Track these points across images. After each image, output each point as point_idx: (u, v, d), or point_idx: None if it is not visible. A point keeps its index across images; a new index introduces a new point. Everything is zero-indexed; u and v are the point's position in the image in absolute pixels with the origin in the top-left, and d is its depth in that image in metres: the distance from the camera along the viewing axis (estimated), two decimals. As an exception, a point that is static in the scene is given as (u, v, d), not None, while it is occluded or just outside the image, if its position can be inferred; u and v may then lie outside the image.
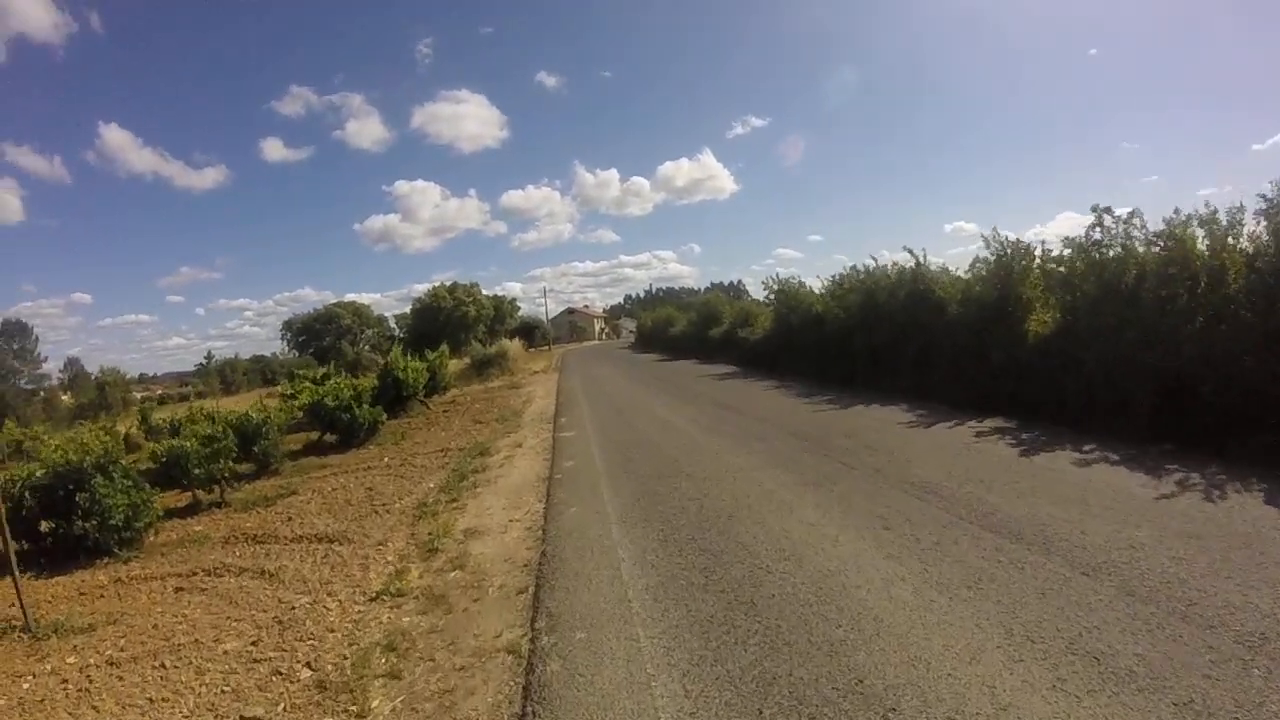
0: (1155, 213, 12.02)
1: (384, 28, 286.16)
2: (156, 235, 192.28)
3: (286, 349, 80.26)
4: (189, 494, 11.37)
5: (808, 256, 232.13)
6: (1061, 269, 11.05)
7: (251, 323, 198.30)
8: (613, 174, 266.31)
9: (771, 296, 23.23)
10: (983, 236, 12.87)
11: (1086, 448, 7.91)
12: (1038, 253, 11.94)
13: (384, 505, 9.13)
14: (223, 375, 76.47)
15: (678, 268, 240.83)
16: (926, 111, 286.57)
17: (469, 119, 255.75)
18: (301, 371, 24.27)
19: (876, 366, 15.43)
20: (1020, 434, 9.03)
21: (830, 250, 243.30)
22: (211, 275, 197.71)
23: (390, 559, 6.79)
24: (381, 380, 20.84)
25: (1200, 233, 9.00)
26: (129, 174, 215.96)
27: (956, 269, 14.73)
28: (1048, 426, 9.28)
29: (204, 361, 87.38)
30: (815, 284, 21.05)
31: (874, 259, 17.16)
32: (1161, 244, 9.36)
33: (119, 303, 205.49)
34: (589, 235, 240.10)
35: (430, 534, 7.24)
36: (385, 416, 16.80)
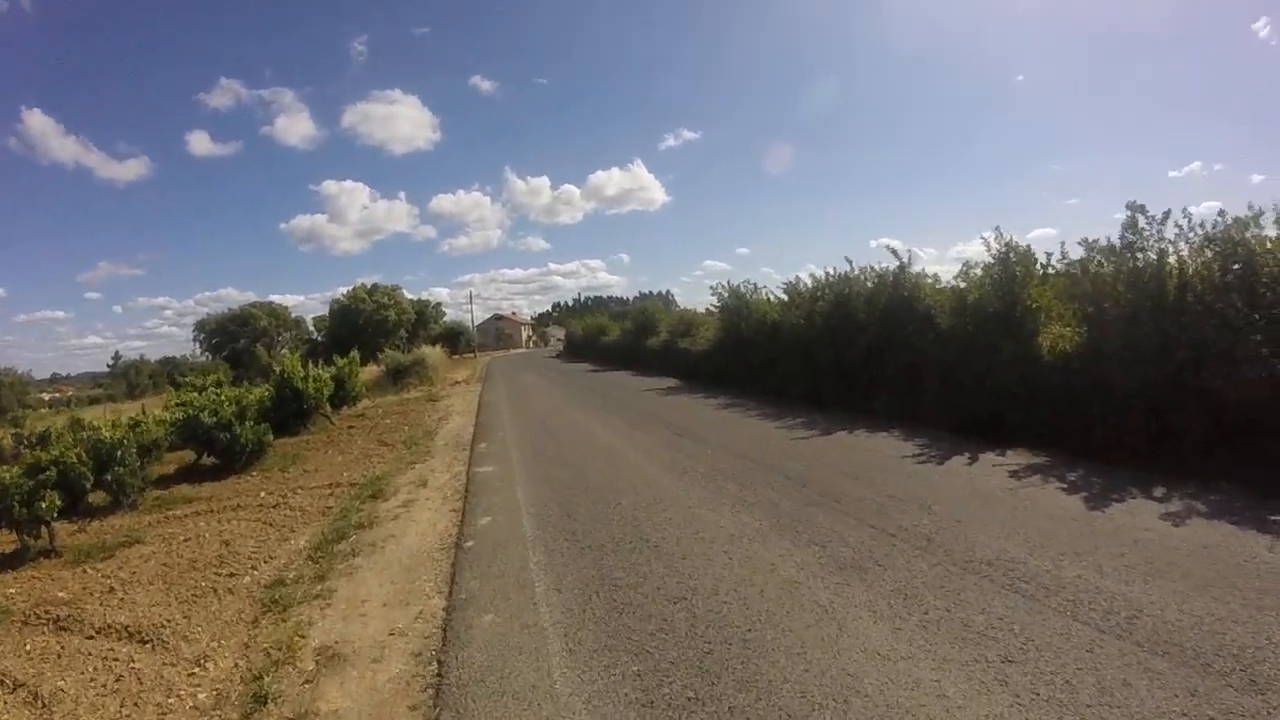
0: (1078, 234, 10.69)
1: (318, 23, 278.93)
2: (76, 228, 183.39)
3: (199, 351, 75.05)
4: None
5: (736, 269, 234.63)
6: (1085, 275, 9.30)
7: (171, 322, 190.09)
8: (544, 181, 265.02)
9: (718, 304, 21.12)
10: (982, 238, 11.05)
11: (1157, 493, 6.40)
12: (1042, 258, 10.29)
13: (231, 575, 6.65)
14: (127, 378, 70.81)
15: (607, 277, 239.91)
16: (854, 129, 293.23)
17: (401, 120, 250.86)
18: (187, 379, 21.16)
19: (848, 384, 13.57)
20: (1063, 474, 7.32)
21: (757, 263, 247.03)
22: (132, 272, 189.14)
23: (202, 696, 4.34)
24: (278, 391, 18.05)
25: (1274, 230, 7.53)
26: (50, 162, 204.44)
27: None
28: (1078, 460, 7.85)
29: (111, 363, 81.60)
30: (774, 291, 19.14)
31: (849, 261, 15.20)
32: (1216, 247, 7.77)
33: (34, 298, 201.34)
34: (519, 242, 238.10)
35: (270, 650, 4.78)
36: (272, 436, 14.08)
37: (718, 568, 5.25)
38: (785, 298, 17.70)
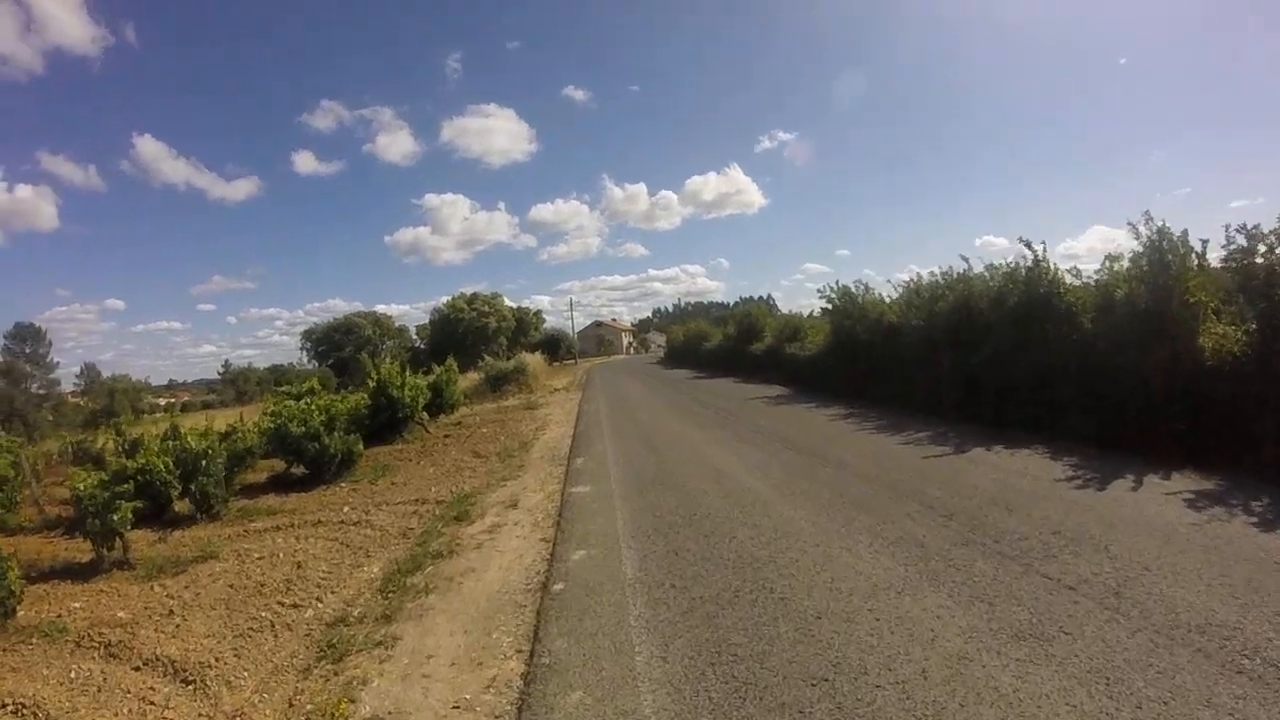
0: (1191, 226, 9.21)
1: (413, 43, 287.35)
2: (189, 244, 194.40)
3: (306, 359, 77.85)
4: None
5: (836, 271, 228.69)
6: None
7: (282, 331, 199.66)
8: (641, 188, 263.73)
9: (828, 306, 19.75)
10: (1129, 224, 9.58)
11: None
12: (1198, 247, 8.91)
13: (295, 606, 6.02)
14: (235, 385, 74.01)
15: (706, 282, 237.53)
16: (953, 124, 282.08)
17: (498, 133, 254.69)
18: (284, 387, 21.22)
19: (970, 391, 12.20)
20: (1246, 503, 6.21)
21: (859, 265, 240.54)
22: (243, 284, 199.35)
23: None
24: (374, 399, 17.77)
25: None
26: (163, 184, 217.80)
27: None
28: (1257, 484, 6.73)
29: (222, 370, 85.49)
30: (887, 291, 17.73)
31: (964, 259, 13.77)
32: None
33: (152, 310, 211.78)
34: (617, 249, 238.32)
35: (313, 715, 3.99)
36: (362, 446, 13.65)
37: (862, 633, 4.13)
38: (901, 298, 16.36)
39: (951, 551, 5.38)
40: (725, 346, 33.65)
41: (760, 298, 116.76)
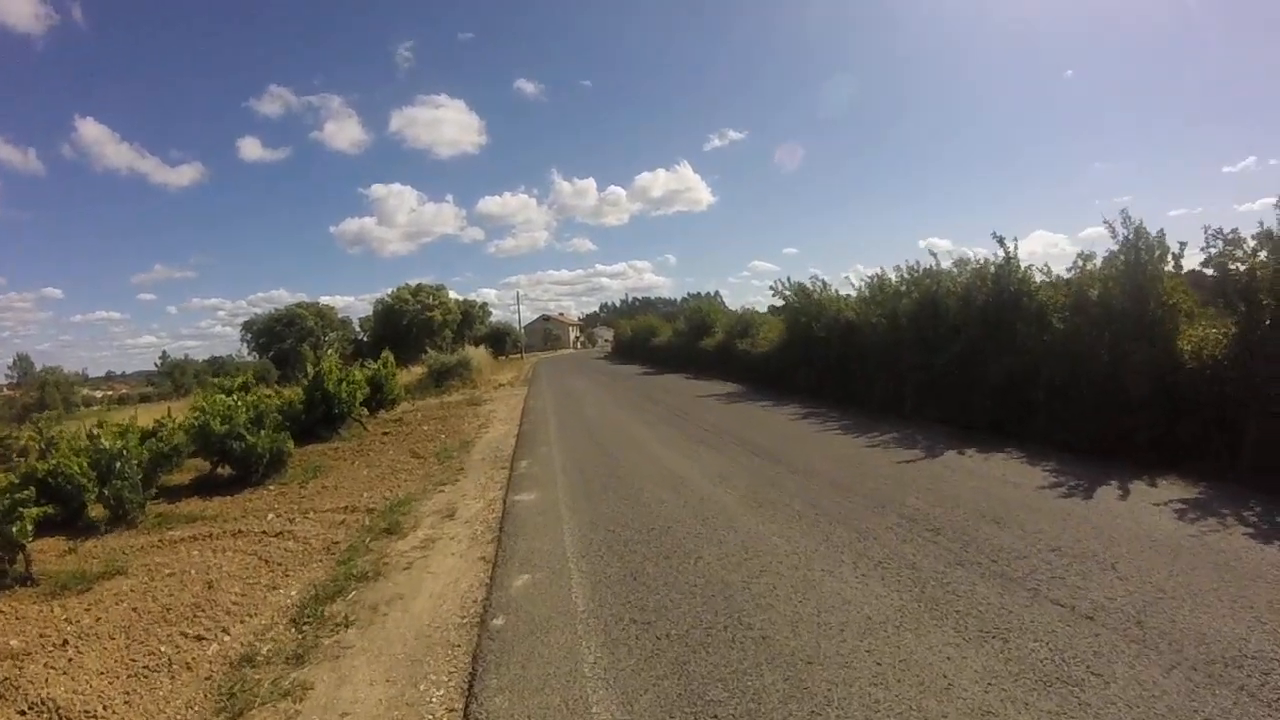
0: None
1: (364, 30, 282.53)
2: (130, 232, 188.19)
3: (247, 351, 75.16)
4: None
5: (783, 270, 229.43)
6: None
7: (224, 322, 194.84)
8: (590, 183, 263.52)
9: (781, 302, 19.23)
10: (1105, 222, 9.31)
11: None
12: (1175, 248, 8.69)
13: (200, 639, 5.16)
14: (172, 377, 71.05)
15: (653, 278, 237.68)
16: (902, 129, 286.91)
17: (447, 124, 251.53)
18: (215, 379, 19.95)
19: (937, 392, 11.77)
20: (1239, 511, 5.83)
21: (805, 264, 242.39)
22: (185, 274, 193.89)
23: None
24: (309, 394, 16.72)
25: None
26: (104, 169, 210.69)
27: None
28: (1243, 490, 6.45)
29: (159, 362, 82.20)
30: (845, 288, 17.25)
31: (933, 255, 13.35)
32: None
33: (91, 299, 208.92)
34: (565, 244, 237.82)
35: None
36: (292, 445, 12.65)
37: (864, 682, 3.48)
38: (861, 294, 15.92)
39: (947, 574, 4.79)
40: (675, 342, 33.03)
41: (707, 294, 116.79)
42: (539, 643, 4.26)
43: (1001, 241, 11.38)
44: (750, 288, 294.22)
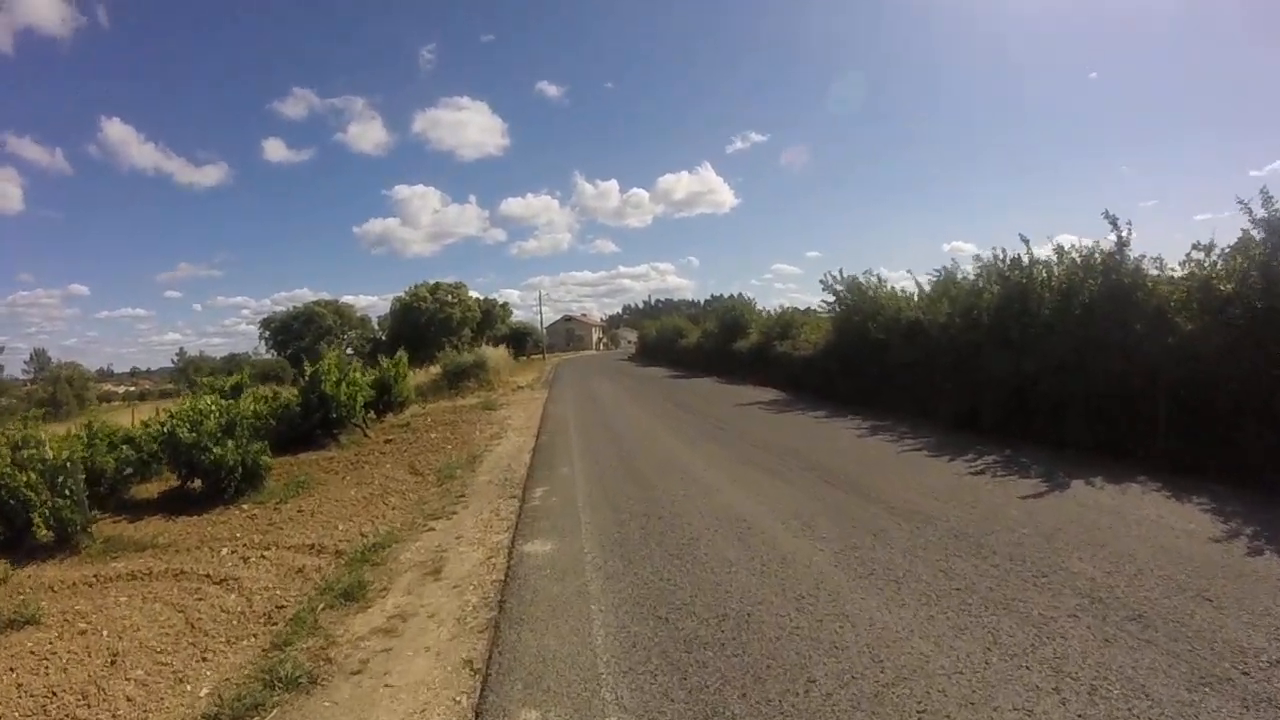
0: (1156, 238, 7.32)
1: (387, 32, 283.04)
2: (156, 230, 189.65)
3: (265, 349, 74.05)
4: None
5: (806, 272, 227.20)
6: None
7: (249, 321, 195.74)
8: (613, 185, 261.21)
9: (832, 299, 17.27)
10: (1239, 201, 7.68)
11: None
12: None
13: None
14: (185, 374, 69.83)
15: (676, 280, 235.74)
16: (925, 132, 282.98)
17: (470, 126, 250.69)
18: (207, 379, 18.31)
19: (1024, 403, 9.97)
20: None
21: (829, 267, 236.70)
22: (210, 272, 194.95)
23: None
24: (304, 396, 15.03)
25: None
26: (130, 169, 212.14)
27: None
28: None
29: (176, 358, 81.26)
30: (907, 285, 15.29)
31: (1024, 240, 11.25)
32: None
33: (117, 296, 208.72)
34: (588, 245, 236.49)
35: None
36: (269, 455, 10.92)
37: None
38: (922, 291, 13.99)
39: (1197, 704, 2.94)
40: (704, 344, 31.15)
41: (731, 296, 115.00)
42: None
43: (1115, 223, 9.47)
44: (773, 290, 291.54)
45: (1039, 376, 9.84)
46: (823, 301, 18.06)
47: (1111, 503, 6.25)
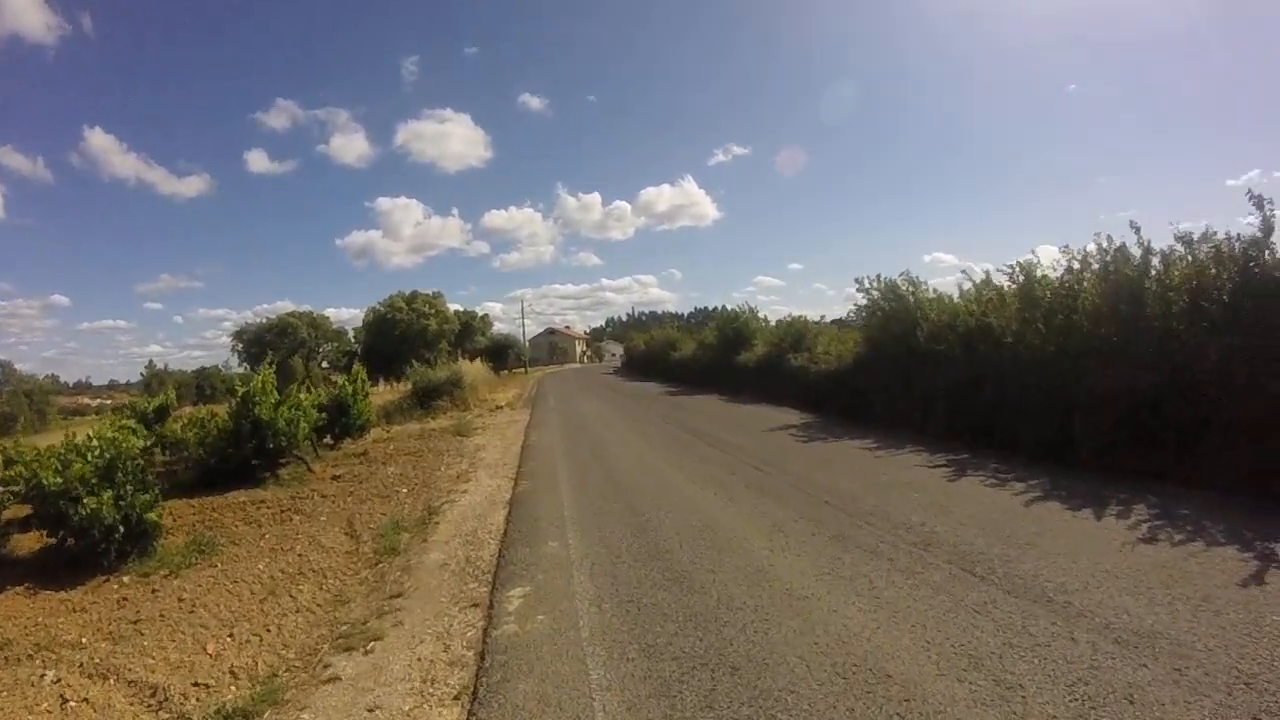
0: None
1: (370, 44, 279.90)
2: (137, 241, 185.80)
3: (238, 362, 70.66)
4: None
5: (789, 285, 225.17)
6: None
7: (229, 333, 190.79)
8: (595, 197, 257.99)
9: (864, 305, 14.82)
10: None
11: None
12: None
13: None
14: (148, 387, 66.13)
15: (659, 293, 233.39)
16: (906, 144, 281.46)
17: (453, 138, 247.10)
18: (130, 400, 15.60)
19: (1133, 428, 7.84)
20: None
21: (810, 279, 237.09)
22: (192, 284, 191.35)
23: None
24: (235, 423, 12.37)
25: None
26: (112, 178, 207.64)
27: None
28: None
29: (144, 371, 77.66)
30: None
31: (1135, 228, 8.84)
32: None
33: (97, 307, 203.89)
34: (570, 258, 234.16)
35: None
36: (158, 511, 8.31)
37: None
38: (979, 292, 11.61)
39: None
40: (701, 357, 28.68)
41: (714, 308, 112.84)
42: None
43: (1261, 204, 7.41)
44: (756, 303, 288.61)
45: (1161, 396, 7.52)
46: (854, 306, 15.64)
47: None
